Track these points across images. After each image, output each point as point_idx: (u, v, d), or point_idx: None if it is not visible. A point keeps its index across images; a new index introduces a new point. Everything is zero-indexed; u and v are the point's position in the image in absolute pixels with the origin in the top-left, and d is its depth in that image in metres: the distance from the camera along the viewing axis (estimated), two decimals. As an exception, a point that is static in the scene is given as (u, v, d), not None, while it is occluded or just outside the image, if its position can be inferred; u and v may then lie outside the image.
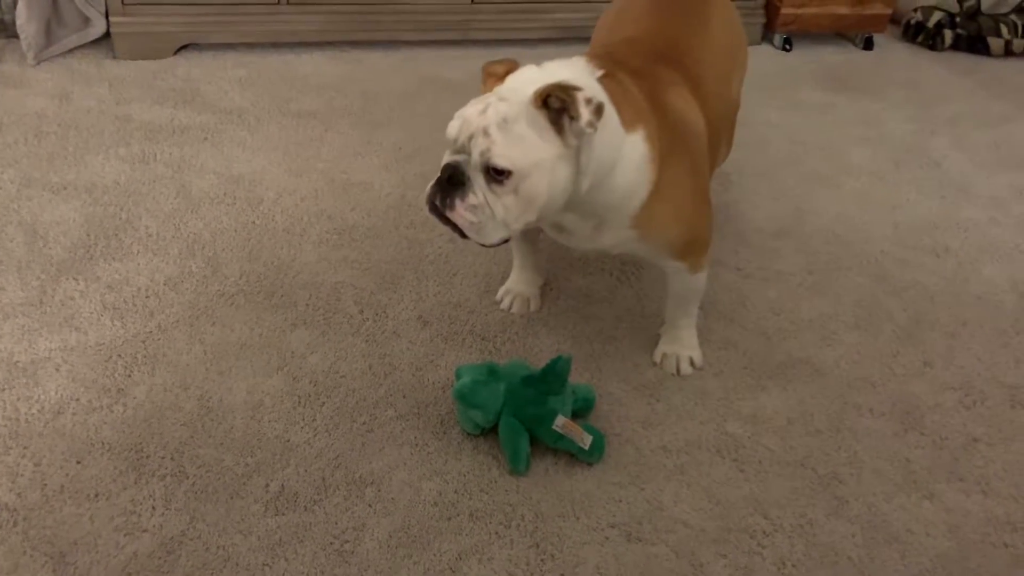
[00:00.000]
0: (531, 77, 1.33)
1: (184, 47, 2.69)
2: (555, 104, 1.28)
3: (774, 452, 1.54)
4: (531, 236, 1.73)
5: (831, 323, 1.85)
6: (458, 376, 1.50)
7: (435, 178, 1.34)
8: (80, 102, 2.38)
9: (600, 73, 1.38)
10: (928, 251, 2.11)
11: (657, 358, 1.71)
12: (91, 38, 2.63)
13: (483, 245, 1.35)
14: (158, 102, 2.41)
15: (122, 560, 1.26)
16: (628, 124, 1.39)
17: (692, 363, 1.70)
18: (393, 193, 2.12)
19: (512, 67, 1.38)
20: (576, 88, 1.27)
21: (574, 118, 1.27)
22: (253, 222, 1.98)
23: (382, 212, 2.05)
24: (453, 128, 1.32)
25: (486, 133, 1.28)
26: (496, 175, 1.29)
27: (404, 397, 1.57)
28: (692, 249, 1.57)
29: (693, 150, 1.52)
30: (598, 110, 1.27)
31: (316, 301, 1.77)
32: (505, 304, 1.79)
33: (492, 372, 1.47)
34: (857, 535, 1.41)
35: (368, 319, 1.74)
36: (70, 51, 2.61)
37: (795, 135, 2.58)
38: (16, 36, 2.52)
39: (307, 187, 2.11)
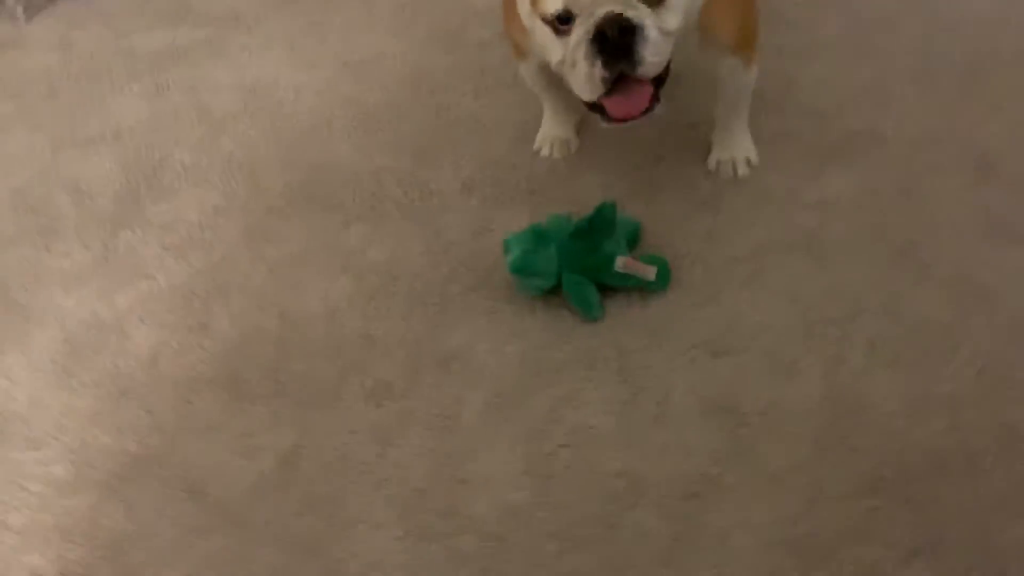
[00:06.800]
0: None
1: (162, -40, 2.59)
2: None
3: (846, 234, 1.51)
4: (556, 76, 1.66)
5: (885, 82, 1.74)
6: (507, 249, 1.49)
7: (586, 43, 1.25)
8: (82, 47, 2.34)
9: None
10: (981, -24, 1.94)
11: (712, 166, 1.66)
12: (71, -23, 2.55)
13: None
14: (154, 27, 2.35)
15: (251, 480, 1.36)
16: None
17: (749, 163, 1.65)
18: (407, 62, 2.05)
19: None
20: None
21: None
22: (280, 128, 1.96)
23: (399, 84, 2.00)
24: None
25: None
26: None
27: (467, 270, 1.58)
28: (745, 39, 1.49)
29: None
30: None
31: (361, 194, 1.77)
32: (545, 151, 1.75)
33: (539, 236, 1.46)
34: (943, 297, 1.39)
35: (415, 200, 1.73)
36: (56, -3, 2.55)
37: None
38: (0, -3, 2.47)
39: (321, 77, 2.06)
